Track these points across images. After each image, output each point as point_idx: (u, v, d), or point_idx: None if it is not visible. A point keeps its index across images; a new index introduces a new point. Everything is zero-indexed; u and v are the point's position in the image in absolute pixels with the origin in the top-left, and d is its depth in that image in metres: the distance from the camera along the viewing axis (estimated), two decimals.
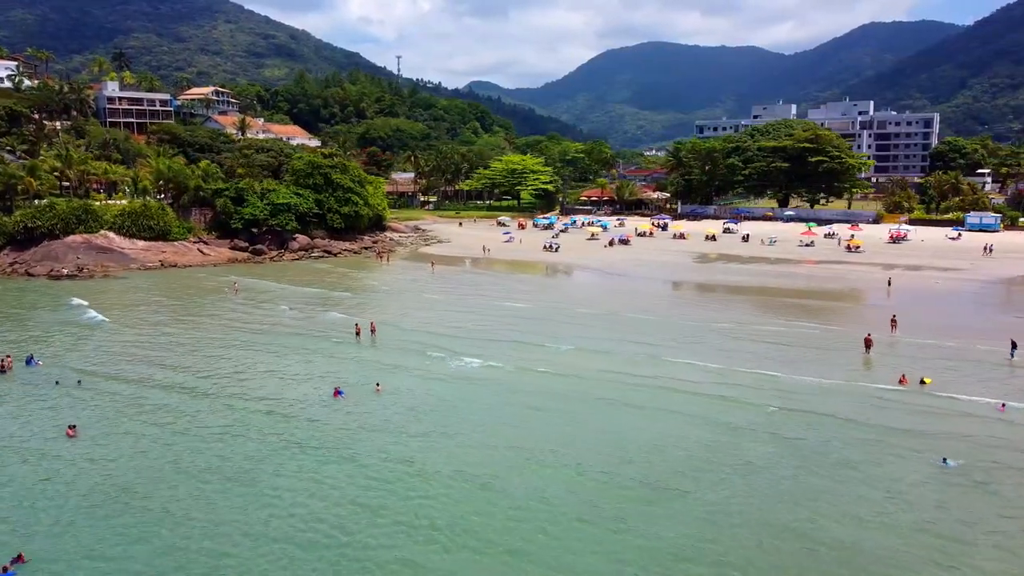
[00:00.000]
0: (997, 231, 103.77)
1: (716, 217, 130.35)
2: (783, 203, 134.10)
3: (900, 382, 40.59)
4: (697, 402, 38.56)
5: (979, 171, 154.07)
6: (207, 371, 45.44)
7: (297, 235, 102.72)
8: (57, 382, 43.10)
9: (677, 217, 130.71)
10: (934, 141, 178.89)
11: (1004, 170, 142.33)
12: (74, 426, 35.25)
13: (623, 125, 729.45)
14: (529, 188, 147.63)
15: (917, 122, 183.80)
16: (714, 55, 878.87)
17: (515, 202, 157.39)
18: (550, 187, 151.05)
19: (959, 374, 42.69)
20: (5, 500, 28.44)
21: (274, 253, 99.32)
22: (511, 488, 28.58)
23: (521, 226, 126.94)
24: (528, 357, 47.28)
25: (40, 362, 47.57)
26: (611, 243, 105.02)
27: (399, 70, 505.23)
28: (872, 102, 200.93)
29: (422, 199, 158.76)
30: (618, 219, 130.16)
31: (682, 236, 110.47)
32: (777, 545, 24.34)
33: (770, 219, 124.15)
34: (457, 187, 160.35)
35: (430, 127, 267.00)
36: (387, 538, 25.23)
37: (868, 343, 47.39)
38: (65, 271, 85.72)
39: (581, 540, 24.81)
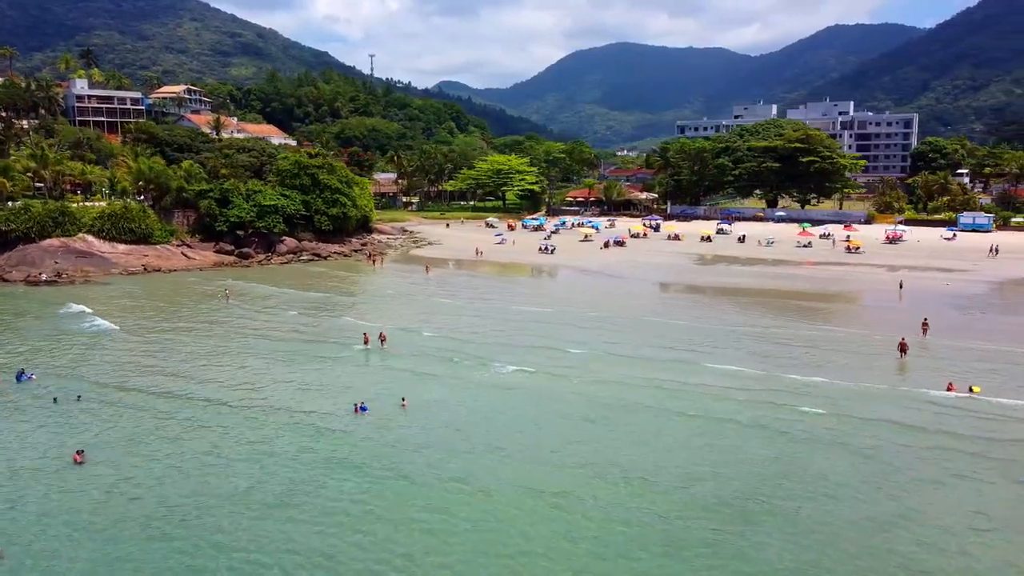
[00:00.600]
0: (990, 231, 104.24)
1: (706, 218, 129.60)
2: (771, 204, 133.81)
3: (948, 389, 39.28)
4: (747, 410, 36.91)
5: (959, 171, 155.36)
6: (222, 381, 42.82)
7: (285, 237, 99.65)
8: (55, 399, 39.95)
9: (667, 218, 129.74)
10: (914, 141, 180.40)
11: (987, 170, 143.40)
12: (81, 451, 31.92)
13: (593, 125, 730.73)
14: (515, 189, 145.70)
15: (897, 122, 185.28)
16: (682, 56, 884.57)
17: (499, 203, 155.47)
18: (536, 188, 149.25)
19: (1006, 379, 41.59)
20: (15, 548, 24.49)
21: (261, 256, 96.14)
22: (586, 509, 26.61)
23: (511, 227, 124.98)
24: (557, 364, 45.36)
25: (33, 375, 44.51)
26: (606, 245, 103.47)
27: (372, 69, 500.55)
28: (852, 102, 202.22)
29: (404, 200, 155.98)
30: (608, 220, 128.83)
31: (676, 237, 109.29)
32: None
33: (760, 220, 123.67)
34: (441, 187, 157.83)
35: (405, 127, 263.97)
36: (465, 566, 23.13)
37: (903, 347, 46.16)
38: (44, 276, 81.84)
39: (677, 571, 22.94)
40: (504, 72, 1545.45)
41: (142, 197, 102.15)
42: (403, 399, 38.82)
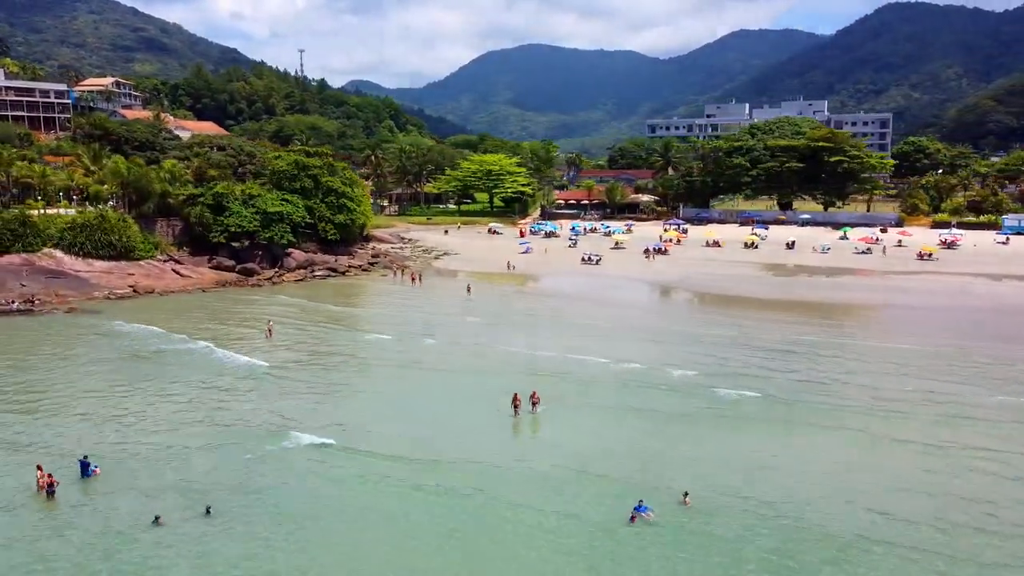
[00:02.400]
0: None
1: (721, 221, 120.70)
2: (785, 206, 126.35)
3: None
4: None
5: (937, 172, 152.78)
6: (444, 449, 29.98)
7: (291, 250, 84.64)
8: (157, 518, 26.44)
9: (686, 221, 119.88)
10: (889, 141, 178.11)
11: (984, 169, 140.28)
12: None
13: (507, 126, 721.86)
14: (508, 190, 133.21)
15: (874, 122, 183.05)
16: (593, 58, 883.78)
17: (478, 206, 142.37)
18: (528, 189, 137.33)
19: None
20: None
21: (270, 273, 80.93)
22: None
23: (522, 233, 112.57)
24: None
25: (97, 468, 30.34)
26: (647, 253, 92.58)
27: (302, 66, 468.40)
28: (826, 102, 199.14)
29: (382, 203, 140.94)
30: (627, 224, 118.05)
31: (716, 244, 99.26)
32: None
33: (783, 223, 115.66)
34: (420, 189, 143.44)
35: (345, 125, 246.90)
36: None
37: None
38: (15, 304, 64.91)
39: None
40: (416, 72, 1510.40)
41: (113, 204, 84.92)
42: (685, 495, 27.30)
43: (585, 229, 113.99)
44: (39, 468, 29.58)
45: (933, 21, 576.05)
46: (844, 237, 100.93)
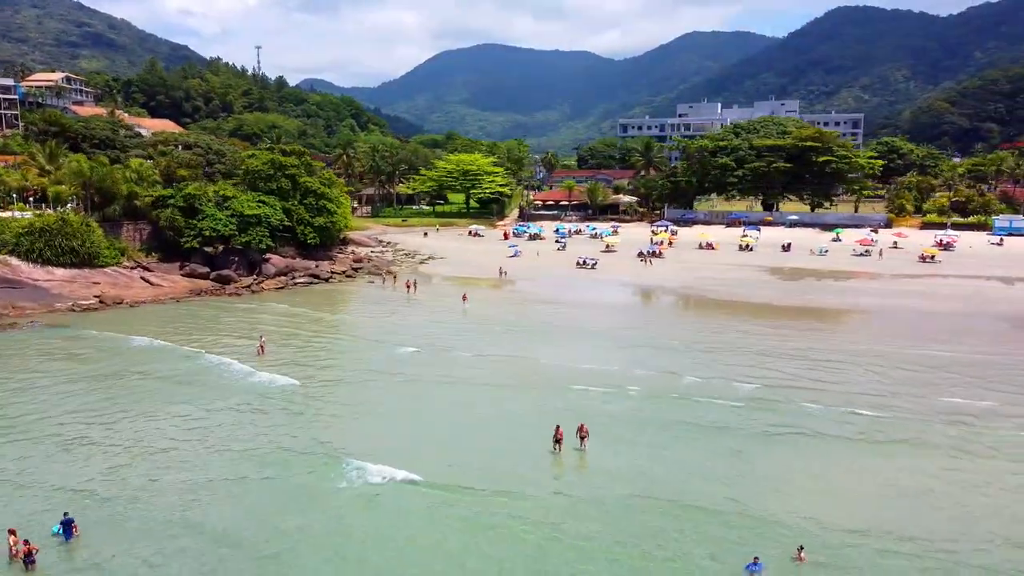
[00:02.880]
0: None
1: (707, 222, 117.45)
2: (769, 206, 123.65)
3: None
4: None
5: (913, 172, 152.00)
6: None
7: (269, 255, 78.65)
8: None
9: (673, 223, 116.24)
10: (861, 141, 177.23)
11: (961, 170, 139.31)
12: None
13: (464, 126, 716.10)
14: (486, 191, 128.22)
15: (846, 122, 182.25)
16: (549, 59, 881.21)
17: (459, 207, 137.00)
18: (506, 190, 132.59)
19: None
20: None
21: (248, 280, 74.79)
22: None
23: (506, 236, 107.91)
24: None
25: (76, 527, 25.01)
26: (641, 257, 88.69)
27: (259, 62, 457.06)
28: (798, 102, 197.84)
29: (353, 205, 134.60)
30: (613, 226, 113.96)
31: (710, 246, 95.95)
32: None
33: (771, 224, 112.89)
34: (393, 190, 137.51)
35: (305, 123, 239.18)
36: None
37: None
38: None
39: None
40: (370, 72, 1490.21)
41: (73, 206, 77.88)
42: (800, 549, 23.15)
43: (570, 231, 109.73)
44: (11, 533, 24.16)
45: (881, 25, 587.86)
46: (837, 239, 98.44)
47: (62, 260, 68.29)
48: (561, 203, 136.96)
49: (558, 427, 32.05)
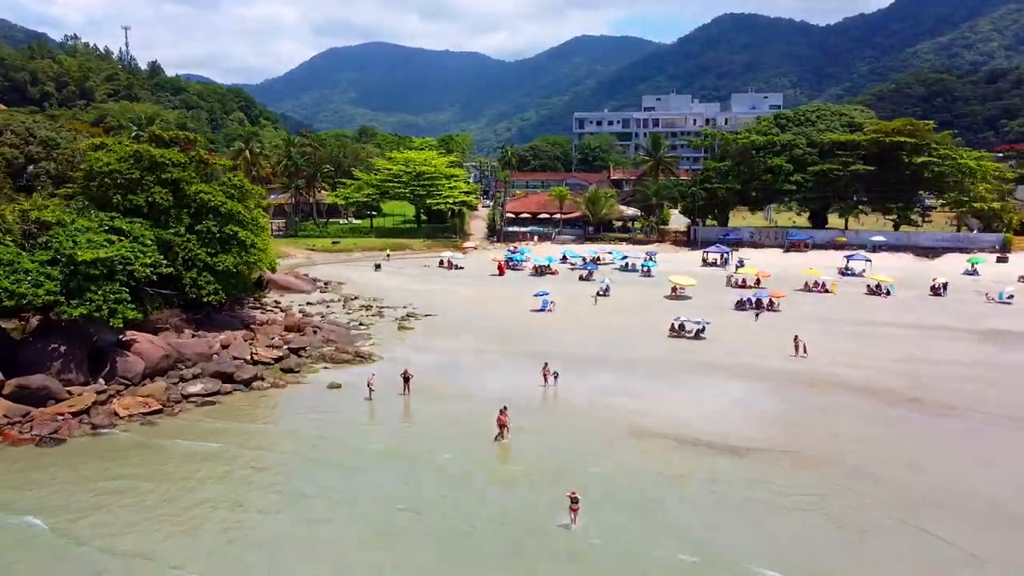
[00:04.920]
0: None
1: (755, 244, 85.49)
2: (821, 222, 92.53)
3: None
4: None
5: None
6: None
7: (132, 335, 39.83)
8: None
9: (692, 244, 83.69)
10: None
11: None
12: None
13: (353, 126, 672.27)
14: (446, 200, 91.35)
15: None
16: (438, 59, 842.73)
17: (399, 221, 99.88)
18: (471, 199, 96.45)
19: None
20: None
21: (89, 395, 35.59)
22: None
23: (501, 269, 71.98)
24: None
25: None
26: (741, 306, 55.09)
27: (127, 45, 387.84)
28: (782, 94, 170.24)
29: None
30: (647, 253, 79.41)
31: (823, 288, 63.38)
32: None
33: (842, 247, 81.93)
34: (314, 199, 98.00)
35: (185, 116, 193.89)
36: None
37: None
38: None
39: None
40: (250, 68, 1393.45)
41: None
42: None
43: (589, 258, 74.95)
44: None
45: (766, 33, 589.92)
46: (973, 271, 68.53)
47: None
48: (541, 216, 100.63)
49: None
